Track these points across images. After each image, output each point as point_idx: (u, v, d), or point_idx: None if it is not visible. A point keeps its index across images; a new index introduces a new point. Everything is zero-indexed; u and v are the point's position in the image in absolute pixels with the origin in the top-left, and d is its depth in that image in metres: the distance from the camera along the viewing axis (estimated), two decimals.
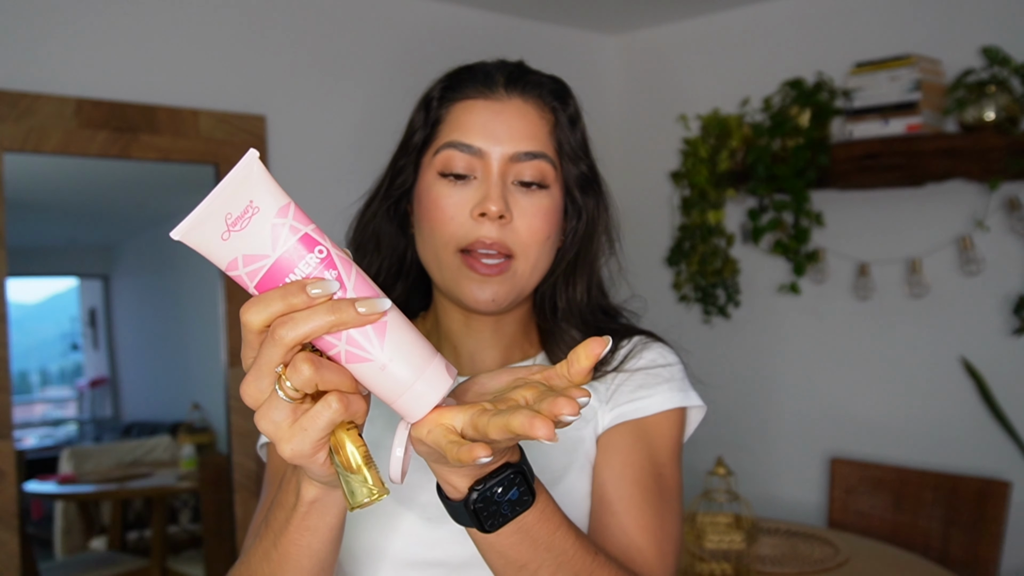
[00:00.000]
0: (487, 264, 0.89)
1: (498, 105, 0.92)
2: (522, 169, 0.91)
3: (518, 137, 0.91)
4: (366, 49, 2.73)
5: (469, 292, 0.90)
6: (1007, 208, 2.43)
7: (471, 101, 0.93)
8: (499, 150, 0.91)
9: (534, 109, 0.93)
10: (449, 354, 1.00)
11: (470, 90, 0.94)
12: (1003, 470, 2.47)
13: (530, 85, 0.94)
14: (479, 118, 0.92)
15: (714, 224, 2.98)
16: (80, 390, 3.22)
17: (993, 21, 2.47)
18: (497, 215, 0.88)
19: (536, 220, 0.91)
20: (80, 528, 3.10)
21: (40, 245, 2.89)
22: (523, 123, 0.92)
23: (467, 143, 0.91)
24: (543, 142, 0.93)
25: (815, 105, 2.67)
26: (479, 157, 0.91)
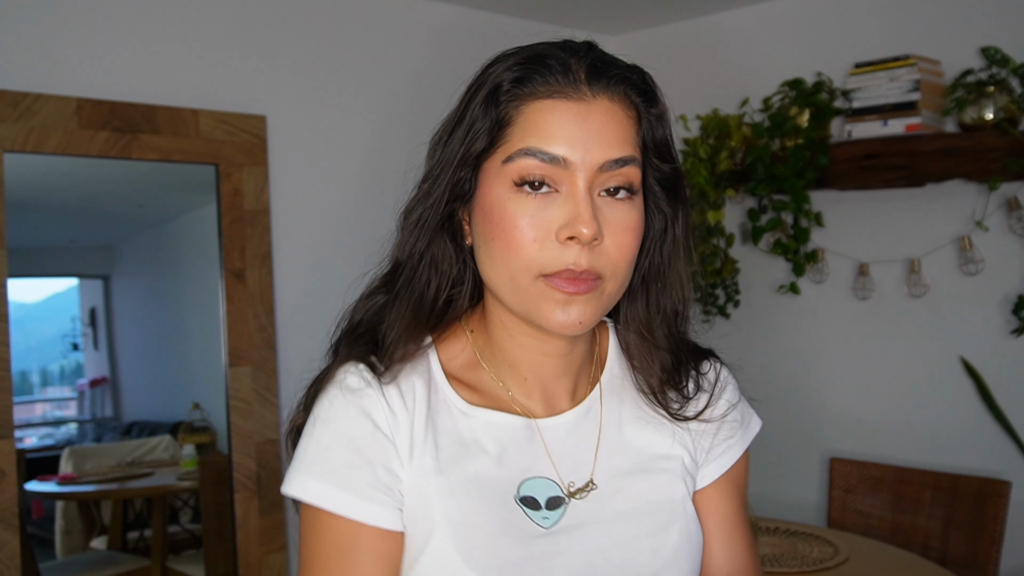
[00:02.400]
0: (574, 281, 0.79)
1: (582, 107, 0.80)
2: (609, 177, 0.80)
3: (607, 143, 0.80)
4: (366, 49, 2.73)
5: (552, 316, 0.80)
6: (1006, 208, 2.44)
7: (550, 101, 0.80)
8: (587, 159, 0.79)
9: (621, 109, 0.82)
10: (521, 386, 0.90)
11: (546, 86, 0.80)
12: (1003, 470, 2.47)
13: (615, 80, 0.82)
14: (561, 122, 0.79)
15: (714, 224, 2.98)
16: (80, 390, 3.22)
17: (993, 21, 2.47)
18: (591, 238, 0.78)
19: (627, 237, 0.81)
20: (80, 528, 3.10)
21: (40, 245, 2.89)
22: (611, 126, 0.80)
23: (548, 151, 0.79)
24: (632, 145, 0.82)
25: (815, 105, 2.67)
26: (563, 167, 0.79)
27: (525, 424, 0.88)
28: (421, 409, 0.85)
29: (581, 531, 0.85)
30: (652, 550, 0.87)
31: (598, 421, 0.92)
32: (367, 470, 0.82)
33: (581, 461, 0.89)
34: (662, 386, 0.93)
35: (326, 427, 0.83)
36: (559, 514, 0.85)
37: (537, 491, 0.86)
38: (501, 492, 0.85)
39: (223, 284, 2.43)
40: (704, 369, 0.97)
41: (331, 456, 0.82)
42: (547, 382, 0.90)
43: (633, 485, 0.90)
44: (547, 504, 0.86)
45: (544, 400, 0.90)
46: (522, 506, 0.85)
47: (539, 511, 0.85)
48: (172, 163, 2.35)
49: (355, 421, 0.83)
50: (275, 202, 2.52)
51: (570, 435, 0.89)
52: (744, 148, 2.87)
